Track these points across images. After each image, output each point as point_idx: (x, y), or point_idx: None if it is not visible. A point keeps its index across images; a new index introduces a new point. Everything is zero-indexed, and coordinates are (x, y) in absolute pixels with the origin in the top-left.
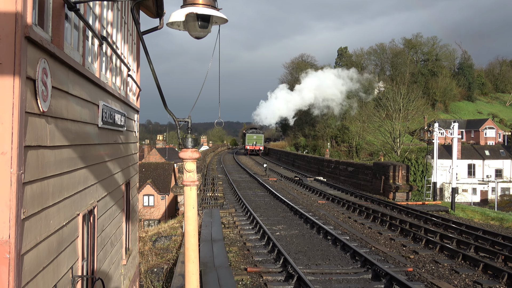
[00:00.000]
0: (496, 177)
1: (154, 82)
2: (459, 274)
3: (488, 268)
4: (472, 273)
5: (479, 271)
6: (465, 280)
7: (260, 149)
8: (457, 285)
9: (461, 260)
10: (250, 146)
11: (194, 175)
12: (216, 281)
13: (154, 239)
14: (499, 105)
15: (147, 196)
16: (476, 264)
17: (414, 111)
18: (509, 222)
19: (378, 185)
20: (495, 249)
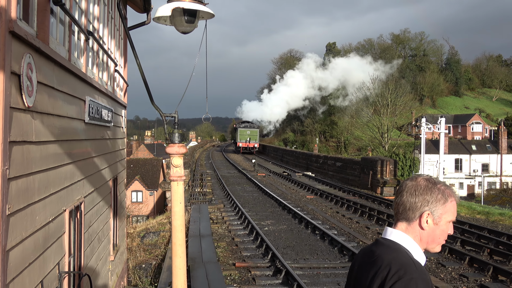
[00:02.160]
0: (482, 172)
1: (139, 78)
2: (445, 268)
3: (474, 261)
4: (458, 267)
5: (465, 264)
6: (451, 273)
7: (254, 147)
8: (443, 278)
9: (448, 254)
10: (243, 143)
11: (181, 170)
12: (204, 276)
13: (142, 235)
14: (486, 100)
15: (136, 192)
16: (462, 258)
17: (402, 106)
18: (494, 216)
19: (366, 180)
20: (481, 242)
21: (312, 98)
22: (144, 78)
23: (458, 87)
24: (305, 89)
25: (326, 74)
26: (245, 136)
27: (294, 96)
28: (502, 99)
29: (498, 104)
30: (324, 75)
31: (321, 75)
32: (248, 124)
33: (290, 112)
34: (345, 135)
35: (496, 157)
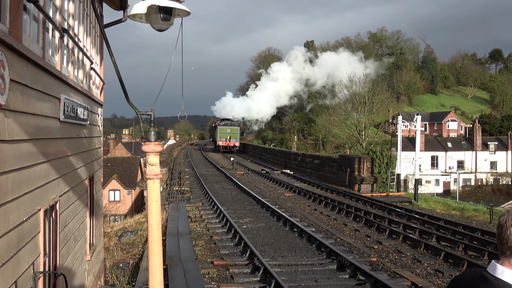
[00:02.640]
0: (458, 169)
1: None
2: (421, 263)
3: (449, 256)
4: (433, 262)
5: (441, 259)
6: (427, 268)
7: (235, 145)
8: (419, 273)
9: (423, 250)
10: (223, 142)
11: (157, 168)
12: (182, 275)
13: (119, 234)
14: (461, 98)
15: (113, 191)
16: (437, 253)
17: (379, 104)
18: (469, 212)
19: (343, 177)
20: (456, 238)
21: (300, 95)
22: (119, 75)
23: (434, 85)
24: (294, 84)
25: (314, 70)
26: (225, 135)
27: (282, 92)
28: (476, 97)
29: (473, 102)
30: (312, 71)
31: (308, 71)
32: (228, 122)
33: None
34: (323, 133)
35: (471, 154)
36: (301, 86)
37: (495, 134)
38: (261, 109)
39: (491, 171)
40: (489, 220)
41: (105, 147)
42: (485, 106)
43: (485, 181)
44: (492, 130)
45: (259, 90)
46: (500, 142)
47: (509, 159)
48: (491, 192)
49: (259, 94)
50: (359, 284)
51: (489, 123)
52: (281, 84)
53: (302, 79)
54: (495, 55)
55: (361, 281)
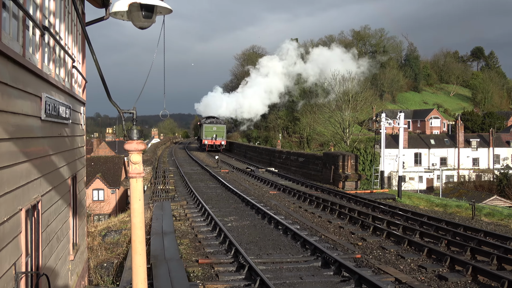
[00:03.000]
0: (441, 165)
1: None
2: (404, 259)
3: (432, 252)
4: (417, 258)
5: (424, 255)
6: (410, 264)
7: (221, 144)
8: (402, 269)
9: (407, 246)
10: (209, 141)
11: (140, 167)
12: (167, 274)
13: (103, 233)
14: (444, 95)
15: (97, 191)
16: (421, 249)
17: (363, 102)
18: (452, 208)
19: (328, 174)
20: (439, 234)
21: (290, 92)
22: (101, 73)
23: (417, 83)
24: (284, 81)
25: (306, 66)
26: (211, 133)
27: (274, 88)
28: (459, 94)
29: (455, 100)
30: (304, 67)
31: (300, 66)
32: (214, 120)
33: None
34: (307, 131)
35: (454, 151)
36: (291, 82)
37: (477, 131)
38: (252, 106)
39: (473, 168)
40: (471, 216)
41: (89, 146)
42: (467, 104)
43: (467, 177)
44: (474, 127)
45: (249, 86)
46: (482, 139)
47: (491, 156)
48: (473, 188)
49: (250, 91)
50: (344, 281)
51: (471, 120)
52: (272, 79)
53: (293, 75)
54: (476, 53)
55: (346, 277)
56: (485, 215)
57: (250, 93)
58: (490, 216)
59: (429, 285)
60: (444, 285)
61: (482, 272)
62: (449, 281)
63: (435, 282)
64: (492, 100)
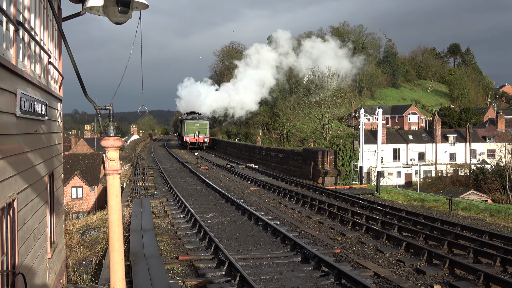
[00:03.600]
0: (419, 160)
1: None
2: (383, 254)
3: (410, 246)
4: (395, 252)
5: (402, 250)
6: (389, 259)
7: (204, 142)
8: (381, 264)
9: (386, 240)
10: (191, 138)
11: (117, 164)
12: (146, 271)
13: (82, 231)
14: (421, 91)
15: (75, 188)
16: (399, 244)
17: (342, 98)
18: (429, 203)
19: (307, 170)
20: (416, 228)
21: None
22: (76, 69)
23: (395, 79)
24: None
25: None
26: (193, 129)
27: (266, 79)
28: (436, 90)
29: (433, 95)
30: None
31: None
32: (196, 116)
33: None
34: (287, 127)
35: (431, 146)
36: (283, 76)
37: (454, 127)
38: (245, 101)
39: (450, 163)
40: (448, 210)
41: (66, 143)
42: (444, 99)
43: (445, 172)
44: (451, 123)
45: (239, 79)
46: (459, 134)
47: (468, 151)
48: (450, 183)
49: (241, 85)
50: (323, 276)
51: (449, 116)
52: (264, 71)
53: (285, 68)
54: (453, 50)
55: (325, 272)
56: (462, 210)
57: (242, 87)
58: (467, 210)
59: (407, 279)
60: (422, 279)
61: (459, 265)
62: (426, 274)
63: (413, 276)
64: (469, 96)
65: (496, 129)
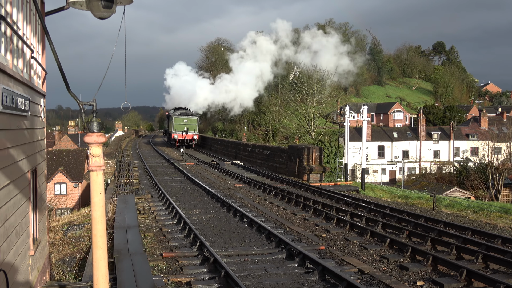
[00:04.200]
0: (403, 158)
1: (62, 65)
2: (367, 250)
3: (394, 243)
4: (379, 249)
5: (386, 246)
6: (373, 255)
7: (194, 139)
8: (365, 260)
9: (370, 237)
10: (179, 135)
11: (101, 160)
12: (130, 268)
13: (65, 228)
14: (406, 89)
15: (59, 184)
16: (383, 240)
17: (327, 95)
18: (413, 200)
19: (293, 167)
20: (400, 225)
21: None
22: (59, 65)
23: (380, 77)
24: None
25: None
26: (181, 126)
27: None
28: (421, 88)
29: (418, 93)
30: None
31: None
32: (185, 111)
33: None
34: (273, 124)
35: (416, 144)
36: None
37: (438, 124)
38: (243, 97)
39: (434, 160)
40: (432, 207)
41: (50, 139)
42: (429, 97)
43: (429, 169)
44: (435, 120)
45: (236, 73)
46: (443, 132)
47: (451, 149)
48: (434, 180)
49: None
50: (308, 272)
51: (433, 114)
52: (263, 64)
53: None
54: (438, 48)
55: (310, 269)
56: (445, 206)
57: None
58: (450, 207)
59: (391, 275)
60: (405, 275)
61: (442, 261)
62: (410, 271)
63: (397, 272)
64: (453, 94)
65: (479, 127)
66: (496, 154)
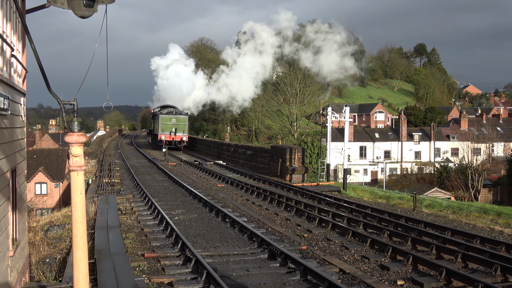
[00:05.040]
0: (385, 158)
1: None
2: (349, 250)
3: (375, 243)
4: (360, 249)
5: (367, 246)
6: (354, 255)
7: (183, 140)
8: (347, 260)
9: (351, 237)
10: (167, 136)
11: (81, 160)
12: (111, 269)
13: (46, 228)
14: (388, 90)
15: (40, 184)
16: (364, 240)
17: (310, 96)
18: (394, 200)
19: (275, 167)
20: (381, 225)
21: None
22: (40, 63)
23: (362, 78)
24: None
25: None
26: (169, 126)
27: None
28: (402, 89)
29: (399, 94)
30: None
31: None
32: (173, 110)
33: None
34: (256, 124)
35: (397, 145)
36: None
37: (419, 125)
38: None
39: (415, 161)
40: (412, 207)
41: (31, 138)
42: (410, 98)
43: (410, 170)
44: (416, 122)
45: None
46: (424, 133)
47: (432, 149)
48: (415, 180)
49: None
50: (290, 272)
51: (414, 115)
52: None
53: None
54: (419, 50)
55: (292, 269)
56: (425, 207)
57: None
58: (430, 207)
59: (372, 275)
60: (386, 275)
61: (422, 261)
62: (390, 270)
63: (378, 272)
64: (434, 95)
65: (459, 128)
66: (475, 155)
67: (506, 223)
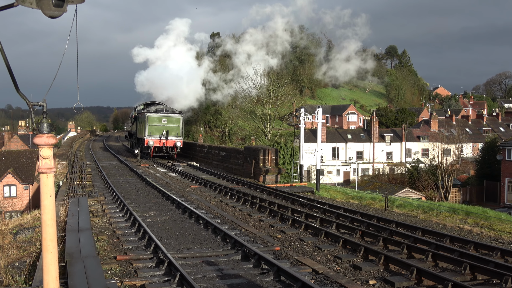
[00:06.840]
0: (357, 159)
1: (14, 63)
2: (321, 250)
3: (348, 243)
4: (333, 249)
5: (340, 246)
6: (327, 255)
7: (176, 146)
8: (319, 260)
9: (324, 237)
10: (156, 141)
11: (51, 162)
12: (82, 272)
13: (15, 231)
14: (360, 92)
15: (8, 186)
16: (337, 240)
17: (283, 97)
18: (366, 200)
19: (249, 168)
20: (354, 225)
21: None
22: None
23: (335, 79)
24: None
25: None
26: (159, 128)
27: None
28: (374, 91)
29: (371, 96)
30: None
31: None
32: (163, 108)
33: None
34: (229, 125)
35: (369, 145)
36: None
37: (390, 127)
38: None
39: (387, 161)
40: (384, 207)
41: None
42: (381, 100)
43: (381, 170)
44: (388, 123)
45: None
46: (395, 134)
47: (403, 150)
48: (387, 181)
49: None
50: (263, 273)
51: (386, 116)
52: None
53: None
54: (391, 52)
55: (265, 270)
56: (397, 207)
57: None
58: (402, 207)
59: (344, 275)
60: (358, 274)
61: (393, 261)
62: (362, 270)
63: (350, 272)
64: (405, 97)
65: (430, 129)
66: (445, 156)
67: (474, 222)
